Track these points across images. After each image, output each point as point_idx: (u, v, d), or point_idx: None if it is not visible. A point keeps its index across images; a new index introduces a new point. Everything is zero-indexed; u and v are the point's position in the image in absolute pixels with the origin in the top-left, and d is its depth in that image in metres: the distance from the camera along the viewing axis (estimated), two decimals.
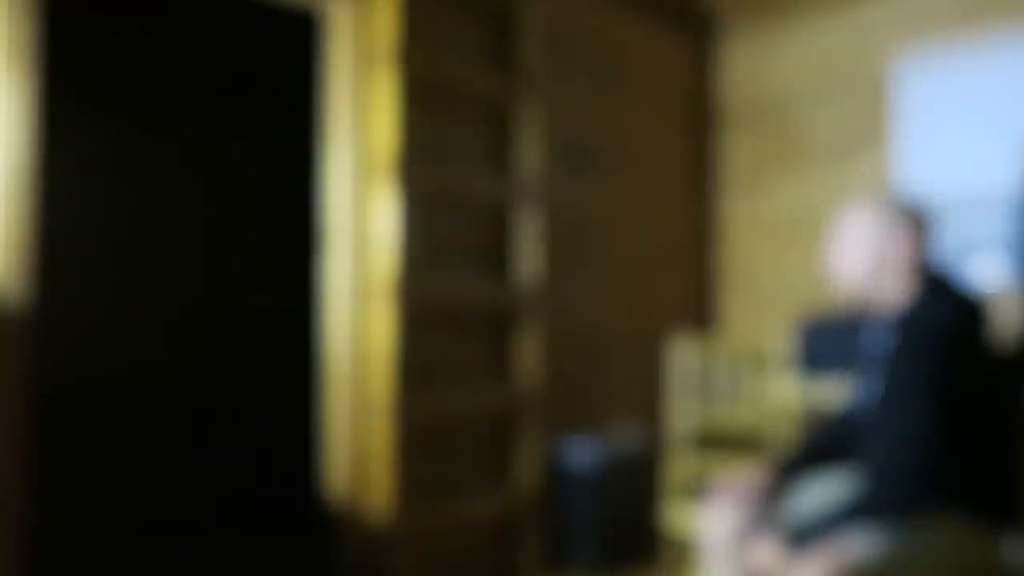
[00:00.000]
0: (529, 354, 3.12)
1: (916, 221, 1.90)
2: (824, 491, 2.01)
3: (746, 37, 4.22)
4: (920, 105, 3.63)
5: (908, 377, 1.78)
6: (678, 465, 3.08)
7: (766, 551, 1.81)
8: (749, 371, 3.36)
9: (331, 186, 2.79)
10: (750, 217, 4.18)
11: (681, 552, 3.08)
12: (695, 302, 4.18)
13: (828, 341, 3.13)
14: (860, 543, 1.69)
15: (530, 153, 3.16)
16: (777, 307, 3.95)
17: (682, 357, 3.20)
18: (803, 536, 1.75)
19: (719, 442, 3.24)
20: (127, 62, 4.31)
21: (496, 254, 3.12)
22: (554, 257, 3.34)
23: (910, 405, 1.75)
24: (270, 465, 4.45)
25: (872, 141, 3.78)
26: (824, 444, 2.06)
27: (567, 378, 3.40)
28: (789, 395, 3.17)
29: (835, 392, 2.99)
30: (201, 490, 4.40)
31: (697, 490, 2.95)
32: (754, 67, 4.19)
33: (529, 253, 3.14)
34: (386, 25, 2.74)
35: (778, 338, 3.36)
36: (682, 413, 3.14)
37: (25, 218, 2.08)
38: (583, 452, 3.16)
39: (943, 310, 1.82)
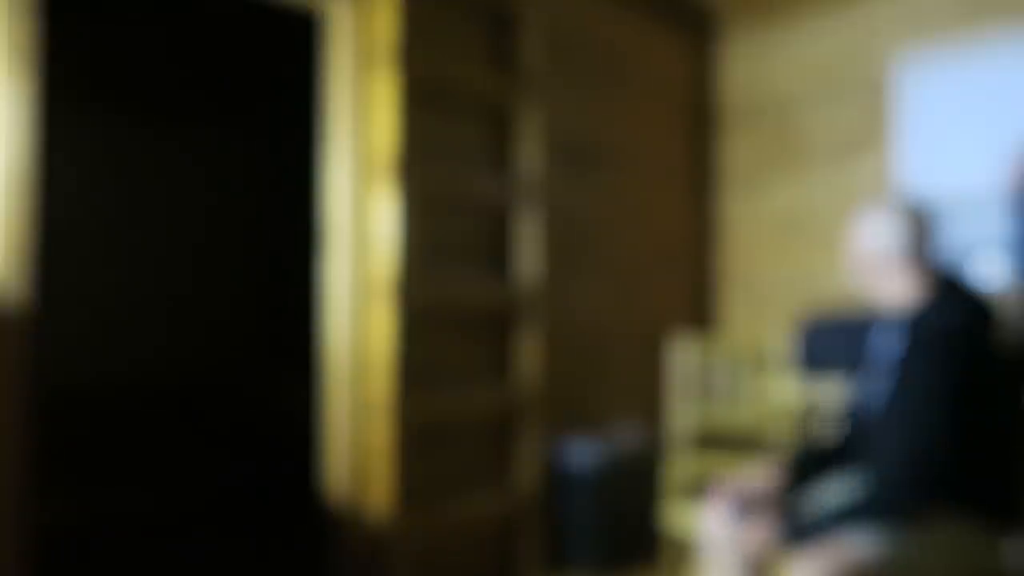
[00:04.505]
0: (529, 354, 3.11)
1: (924, 222, 1.90)
2: (835, 493, 2.00)
3: (746, 37, 4.22)
4: (920, 105, 3.63)
5: (918, 379, 1.78)
6: (678, 465, 3.08)
7: (761, 536, 1.82)
8: (749, 371, 3.36)
9: (331, 186, 2.79)
10: (750, 217, 4.17)
11: (681, 552, 3.08)
12: (695, 302, 4.18)
13: (828, 341, 3.12)
14: (862, 543, 1.69)
15: (530, 153, 3.16)
16: (777, 307, 3.95)
17: (682, 357, 3.19)
18: (805, 533, 1.75)
19: (719, 442, 3.24)
20: (127, 62, 4.31)
21: (496, 254, 3.12)
22: (554, 257, 3.34)
23: (919, 408, 1.75)
24: (270, 465, 4.45)
25: (872, 141, 3.78)
26: (835, 448, 2.05)
27: (567, 378, 3.40)
28: (789, 395, 3.17)
29: (835, 392, 2.99)
30: (201, 490, 4.40)
31: (697, 490, 2.95)
32: (754, 67, 4.19)
33: (529, 253, 3.14)
34: (386, 25, 2.74)
35: (778, 338, 3.36)
36: (682, 413, 3.14)
37: (25, 218, 2.08)
38: (583, 452, 3.16)
39: (954, 312, 1.82)
